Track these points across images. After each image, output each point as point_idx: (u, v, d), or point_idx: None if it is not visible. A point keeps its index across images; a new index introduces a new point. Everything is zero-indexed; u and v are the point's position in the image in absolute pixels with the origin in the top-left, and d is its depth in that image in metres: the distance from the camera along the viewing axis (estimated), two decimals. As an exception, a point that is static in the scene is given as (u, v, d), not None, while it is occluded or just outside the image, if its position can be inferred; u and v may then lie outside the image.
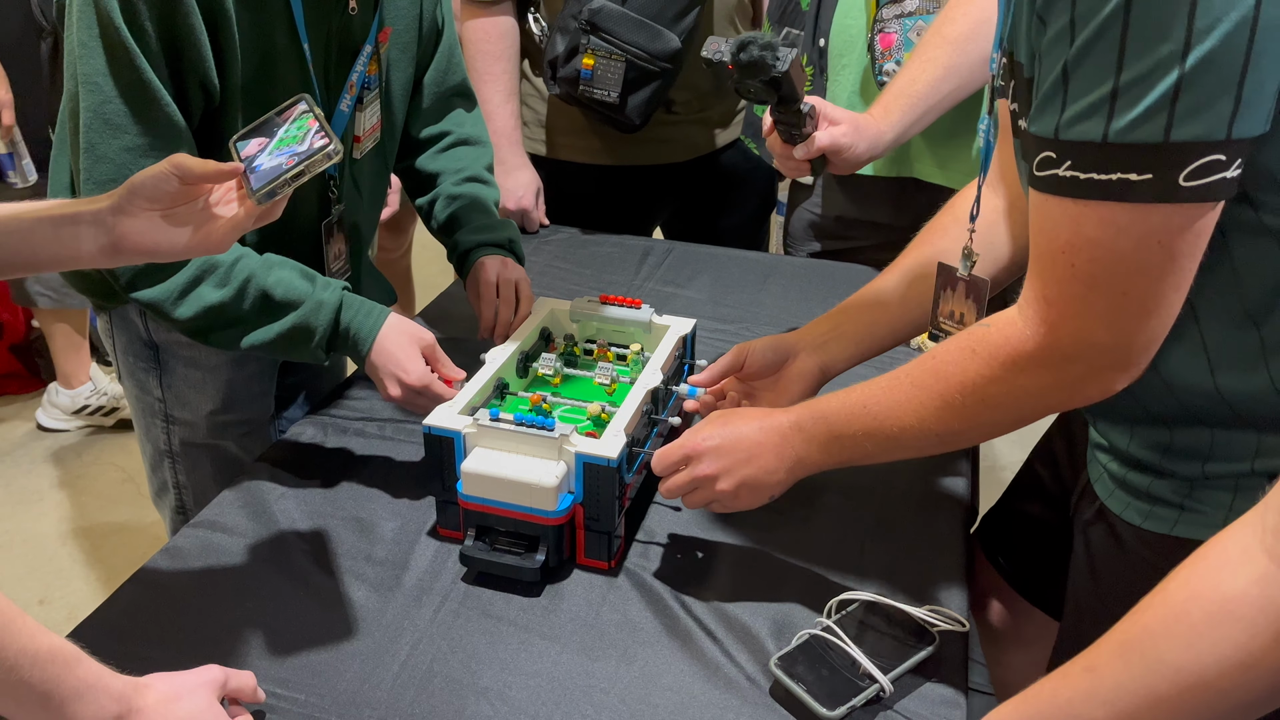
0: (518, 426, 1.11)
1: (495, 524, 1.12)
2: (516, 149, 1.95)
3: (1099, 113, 0.76)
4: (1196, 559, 0.70)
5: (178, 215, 0.93)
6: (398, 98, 1.45)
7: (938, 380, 0.93)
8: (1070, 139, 0.78)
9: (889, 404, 0.97)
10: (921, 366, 0.96)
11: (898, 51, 1.65)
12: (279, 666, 1.01)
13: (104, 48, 1.11)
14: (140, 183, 0.91)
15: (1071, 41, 0.76)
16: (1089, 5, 0.74)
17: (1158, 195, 0.76)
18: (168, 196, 0.91)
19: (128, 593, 1.10)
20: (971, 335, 0.93)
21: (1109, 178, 0.76)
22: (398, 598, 1.10)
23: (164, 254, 0.95)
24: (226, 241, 0.95)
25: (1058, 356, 0.86)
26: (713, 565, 1.16)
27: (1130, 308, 0.81)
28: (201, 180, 0.92)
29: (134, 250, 0.94)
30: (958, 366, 0.92)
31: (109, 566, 2.46)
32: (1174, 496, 0.94)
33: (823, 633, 1.02)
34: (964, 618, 1.06)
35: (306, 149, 0.94)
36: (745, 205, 2.16)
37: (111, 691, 0.82)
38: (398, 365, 1.23)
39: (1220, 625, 0.65)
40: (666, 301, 1.75)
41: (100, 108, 1.13)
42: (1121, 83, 0.74)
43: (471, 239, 1.49)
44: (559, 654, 1.03)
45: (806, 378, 1.20)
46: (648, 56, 1.78)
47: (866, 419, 0.98)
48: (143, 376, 1.42)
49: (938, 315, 1.16)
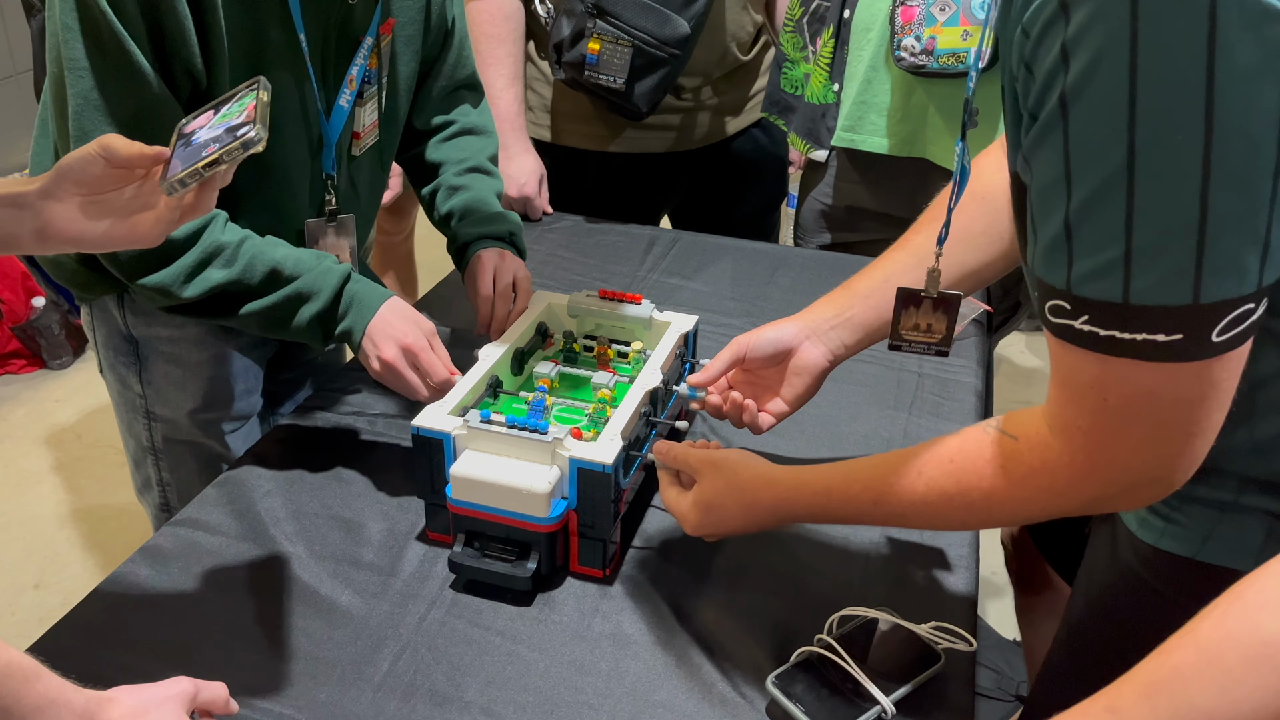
0: (509, 429, 1.07)
1: (486, 530, 1.08)
2: (520, 134, 1.90)
3: (1114, 274, 0.68)
4: (1232, 598, 0.64)
5: (105, 202, 0.87)
6: (401, 91, 1.41)
7: (959, 490, 0.87)
8: (1086, 296, 0.70)
9: (894, 499, 0.91)
10: (940, 467, 0.88)
11: (918, 26, 1.61)
12: (256, 675, 0.97)
13: (88, 31, 1.07)
14: (68, 164, 0.86)
15: (1069, 197, 0.69)
16: (1082, 162, 0.67)
17: (1189, 353, 0.69)
18: (94, 180, 0.86)
19: (103, 595, 1.07)
20: (999, 449, 0.84)
21: (1134, 337, 0.70)
22: (382, 604, 1.06)
23: (87, 244, 0.89)
24: (154, 234, 0.89)
25: (1096, 481, 0.80)
26: (712, 575, 1.12)
27: (1171, 437, 0.75)
28: (128, 163, 0.86)
29: (58, 237, 0.88)
30: (984, 480, 0.85)
31: (106, 551, 2.44)
32: (1163, 508, 0.90)
33: (822, 650, 0.98)
34: (972, 635, 1.02)
35: (225, 136, 0.85)
36: (755, 195, 2.11)
37: (74, 707, 0.79)
38: (396, 329, 1.20)
39: (1258, 671, 0.60)
40: (671, 294, 1.70)
41: (89, 93, 1.09)
42: (1134, 246, 0.67)
43: (471, 231, 1.45)
44: (548, 667, 0.99)
45: (811, 370, 1.15)
46: (655, 42, 1.73)
47: (866, 506, 0.93)
48: (123, 371, 1.38)
49: (899, 329, 1.09)
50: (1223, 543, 0.88)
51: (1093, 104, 0.66)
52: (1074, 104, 0.67)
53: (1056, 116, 0.68)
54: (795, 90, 1.83)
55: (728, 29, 1.87)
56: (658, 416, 1.22)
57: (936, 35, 1.60)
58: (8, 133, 3.37)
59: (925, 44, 1.61)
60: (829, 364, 1.15)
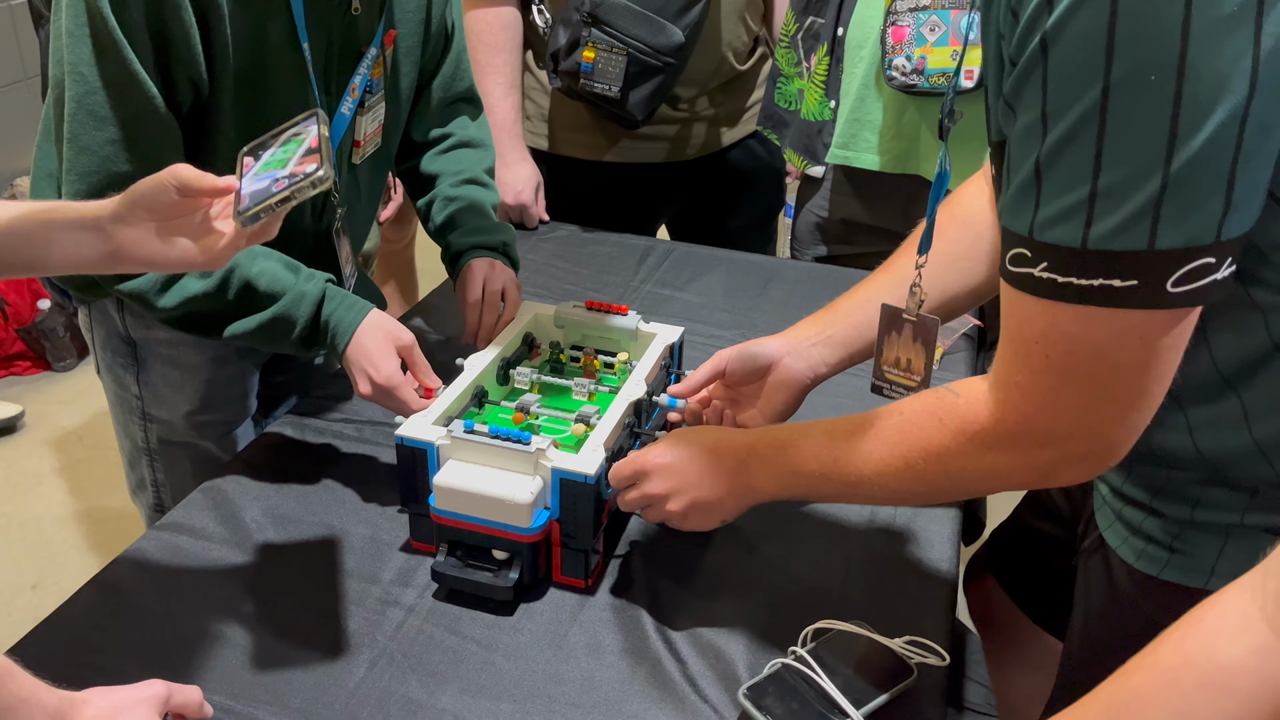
0: (493, 439, 1.08)
1: (468, 539, 1.09)
2: (517, 143, 1.91)
3: (1076, 217, 0.70)
4: (1191, 621, 0.64)
5: (175, 227, 0.91)
6: (402, 102, 1.42)
7: (902, 441, 0.89)
8: (1046, 241, 0.72)
9: (851, 451, 0.92)
10: (889, 422, 0.91)
11: (909, 46, 1.61)
12: (232, 679, 0.98)
13: (90, 37, 1.09)
14: (140, 192, 0.90)
15: (1043, 138, 0.70)
16: (1059, 101, 0.68)
17: (1143, 302, 0.70)
18: (165, 208, 0.90)
19: (86, 598, 1.08)
20: (941, 402, 0.87)
21: (1090, 283, 0.71)
22: (361, 611, 1.07)
23: (160, 265, 0.94)
24: (224, 257, 0.93)
25: (1027, 442, 0.81)
26: (692, 585, 1.12)
27: (1109, 402, 0.76)
28: (198, 194, 0.90)
29: (132, 260, 0.93)
30: (922, 431, 0.87)
31: (104, 553, 2.45)
32: (1164, 537, 0.90)
33: (795, 663, 0.98)
34: (945, 650, 1.02)
35: (297, 173, 0.92)
36: (752, 206, 2.11)
37: (46, 707, 0.80)
38: (370, 361, 1.20)
39: (1214, 697, 0.61)
40: (663, 304, 1.71)
41: (84, 98, 1.11)
42: (1099, 187, 0.68)
43: (463, 241, 1.46)
44: (521, 676, 1.00)
45: (790, 386, 1.16)
46: (650, 51, 1.73)
47: (826, 460, 0.94)
48: (120, 372, 1.39)
49: (881, 364, 1.10)
50: (1231, 567, 0.86)
51: (1072, 42, 0.67)
52: (1054, 43, 0.68)
53: (1038, 57, 0.69)
54: (790, 106, 1.84)
55: (723, 39, 1.87)
56: (641, 427, 1.22)
57: (927, 55, 1.60)
58: (16, 137, 3.40)
59: (916, 64, 1.61)
60: (810, 381, 1.16)
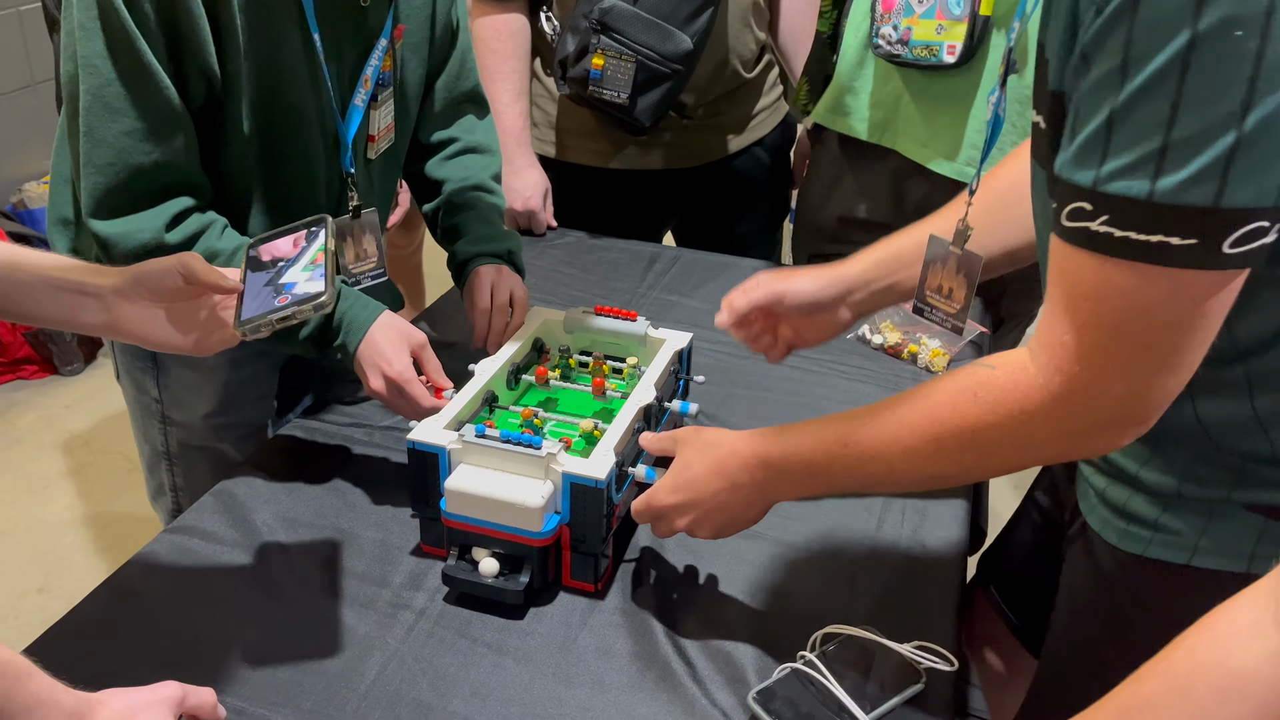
0: (504, 444, 1.09)
1: (479, 543, 1.09)
2: (525, 149, 1.92)
3: (1145, 168, 0.70)
4: (1203, 627, 0.65)
5: (177, 313, 0.94)
6: (410, 99, 1.43)
7: (931, 423, 0.88)
8: (1111, 192, 0.72)
9: (875, 443, 0.92)
10: (912, 407, 0.90)
11: (896, 15, 1.62)
12: (243, 682, 0.99)
13: (103, 30, 1.10)
14: (145, 273, 0.91)
15: (1121, 87, 0.70)
16: (1144, 48, 0.69)
17: (1198, 261, 0.71)
18: (170, 293, 0.92)
19: (98, 600, 1.08)
20: (973, 377, 0.87)
21: (1148, 239, 0.71)
22: (372, 614, 1.07)
23: (152, 345, 0.96)
24: (214, 349, 0.96)
25: (1069, 407, 0.81)
26: (701, 589, 1.13)
27: (1152, 361, 0.77)
28: (205, 288, 0.92)
29: (127, 335, 0.95)
30: (955, 410, 0.86)
31: (111, 557, 2.46)
32: (1149, 513, 0.91)
33: (804, 667, 0.98)
34: (953, 655, 1.02)
35: (300, 294, 0.93)
36: (758, 212, 2.12)
37: (63, 707, 0.80)
38: (382, 356, 1.21)
39: (1226, 703, 0.61)
40: (669, 310, 1.71)
41: (100, 90, 1.12)
42: (1173, 138, 0.68)
43: (470, 249, 1.46)
44: (531, 679, 1.00)
45: (843, 324, 1.20)
46: (659, 58, 1.74)
47: (848, 459, 0.93)
48: (140, 376, 1.40)
49: (925, 288, 1.12)
50: (1215, 544, 0.88)
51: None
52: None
53: (1126, 7, 0.69)
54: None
55: (730, 46, 1.88)
56: (650, 432, 1.23)
57: (913, 26, 1.61)
58: (25, 142, 3.42)
59: (901, 34, 1.62)
60: (851, 319, 1.20)
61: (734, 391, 1.47)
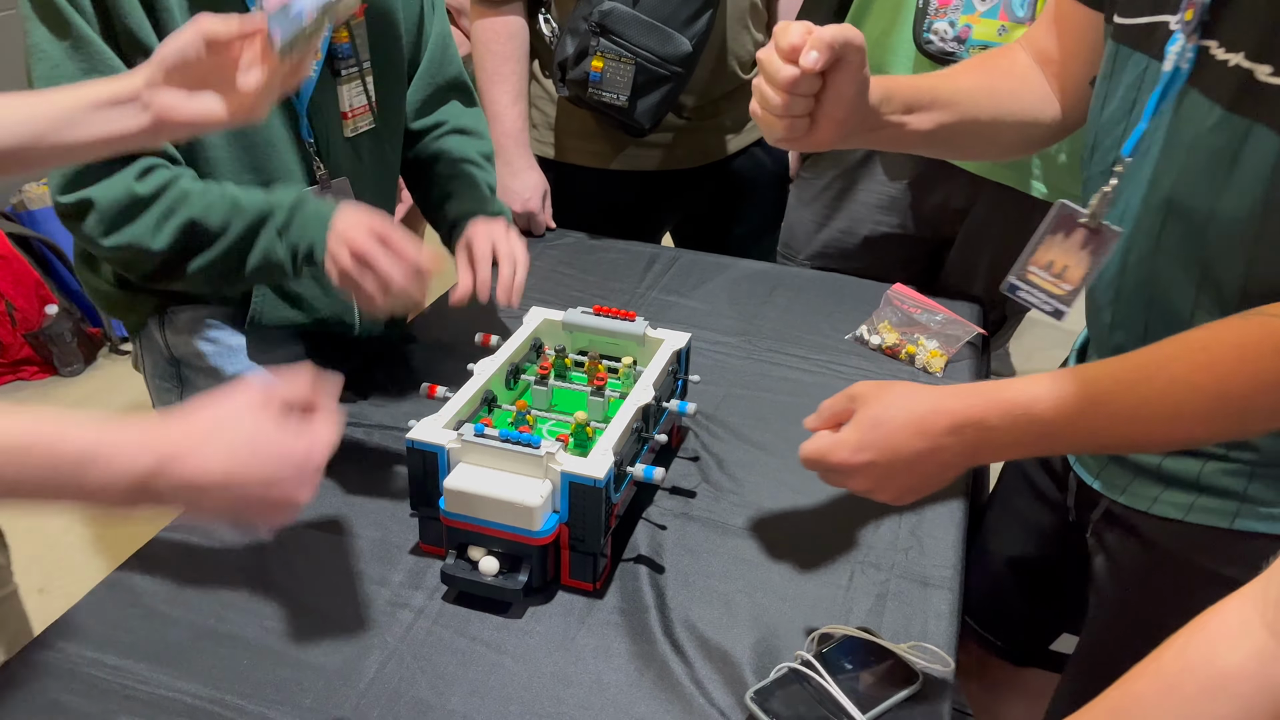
0: (503, 443, 1.09)
1: (478, 542, 1.10)
2: (524, 151, 1.92)
3: None
4: (1194, 628, 0.66)
5: (213, 84, 0.91)
6: (391, 78, 1.43)
7: (1216, 381, 0.79)
8: None
9: (1135, 402, 0.82)
10: (1188, 361, 0.81)
11: (954, 11, 1.51)
12: (243, 679, 0.99)
13: (40, 16, 1.14)
14: (166, 54, 0.89)
15: None
16: None
17: None
18: (195, 64, 0.89)
19: (98, 598, 1.09)
20: (1264, 328, 0.78)
21: None
22: (371, 613, 1.08)
23: (203, 126, 0.93)
24: (263, 107, 0.93)
25: None
26: (700, 588, 1.13)
27: None
28: (228, 40, 0.90)
29: (175, 126, 0.92)
30: (1244, 365, 0.78)
31: (111, 557, 2.46)
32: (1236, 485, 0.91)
33: (801, 667, 0.99)
34: (951, 656, 1.03)
35: (321, 2, 0.91)
36: (756, 213, 2.12)
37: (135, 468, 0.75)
38: (351, 225, 1.18)
39: (1214, 701, 0.62)
40: (668, 311, 1.72)
41: (48, 74, 1.15)
42: None
43: (462, 208, 1.46)
44: (530, 678, 1.01)
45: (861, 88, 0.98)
46: (658, 60, 1.75)
47: (1099, 418, 0.84)
48: (168, 397, 1.42)
49: (1028, 262, 0.95)
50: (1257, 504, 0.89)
51: None
52: None
53: None
54: None
55: (729, 48, 1.89)
56: (649, 433, 1.23)
57: (973, 24, 1.50)
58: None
59: (959, 31, 1.51)
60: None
61: (732, 391, 1.48)
